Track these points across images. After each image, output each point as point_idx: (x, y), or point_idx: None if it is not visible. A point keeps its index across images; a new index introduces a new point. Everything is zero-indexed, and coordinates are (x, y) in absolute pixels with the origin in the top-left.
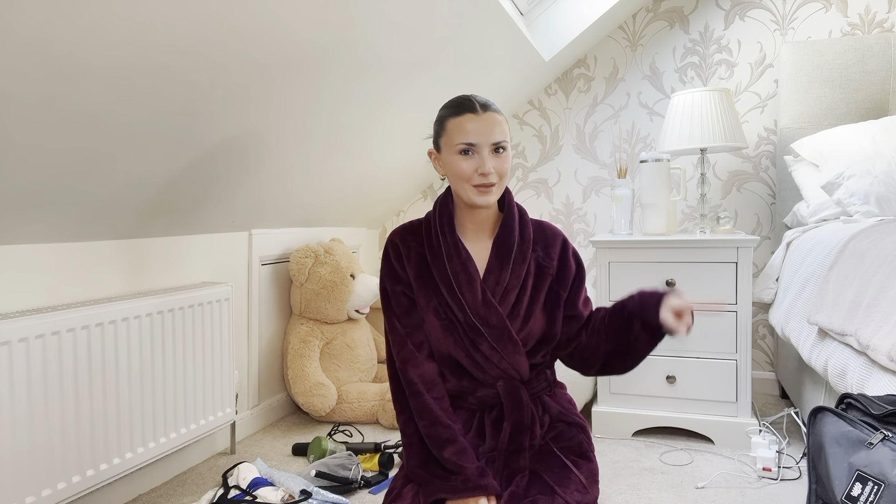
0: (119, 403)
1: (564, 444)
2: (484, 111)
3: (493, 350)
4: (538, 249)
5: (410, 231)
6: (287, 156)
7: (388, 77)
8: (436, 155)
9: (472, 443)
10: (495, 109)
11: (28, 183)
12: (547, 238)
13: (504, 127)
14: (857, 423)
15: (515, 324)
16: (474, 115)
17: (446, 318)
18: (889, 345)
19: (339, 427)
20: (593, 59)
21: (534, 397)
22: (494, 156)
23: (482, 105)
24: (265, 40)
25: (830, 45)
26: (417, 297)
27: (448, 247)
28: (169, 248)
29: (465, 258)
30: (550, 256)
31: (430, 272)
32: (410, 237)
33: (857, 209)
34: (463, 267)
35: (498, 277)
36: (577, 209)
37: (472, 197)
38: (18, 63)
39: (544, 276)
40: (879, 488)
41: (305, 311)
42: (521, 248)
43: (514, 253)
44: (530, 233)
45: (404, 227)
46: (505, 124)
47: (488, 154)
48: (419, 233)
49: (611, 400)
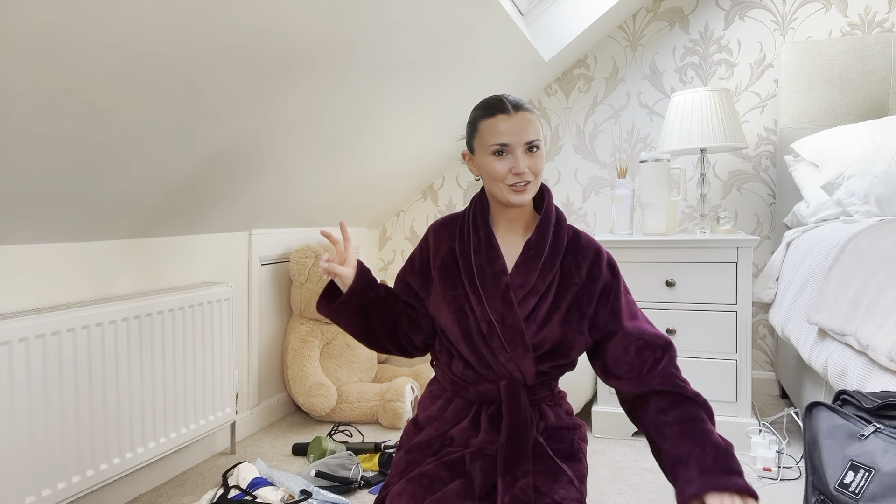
0: (119, 403)
1: (555, 445)
2: (516, 111)
3: (502, 349)
4: (569, 258)
5: (447, 224)
6: (287, 156)
7: (388, 77)
8: (469, 156)
9: (465, 433)
10: (528, 108)
11: (28, 183)
12: (581, 248)
13: (537, 125)
14: (850, 417)
15: (531, 328)
16: (506, 116)
17: (461, 310)
18: (889, 345)
19: (339, 427)
20: (593, 59)
21: (533, 403)
22: (528, 155)
23: (514, 105)
24: (266, 40)
25: (830, 45)
26: (436, 288)
27: (479, 241)
28: (168, 248)
29: (494, 254)
30: (580, 267)
31: (457, 264)
32: (444, 232)
33: (857, 209)
34: (490, 262)
35: (524, 279)
36: (578, 209)
37: (508, 196)
38: (19, 62)
39: (569, 286)
40: (870, 474)
41: (305, 311)
42: (552, 253)
43: (543, 257)
44: (564, 239)
45: (443, 221)
46: (538, 122)
47: (522, 154)
48: (454, 226)
49: (611, 400)
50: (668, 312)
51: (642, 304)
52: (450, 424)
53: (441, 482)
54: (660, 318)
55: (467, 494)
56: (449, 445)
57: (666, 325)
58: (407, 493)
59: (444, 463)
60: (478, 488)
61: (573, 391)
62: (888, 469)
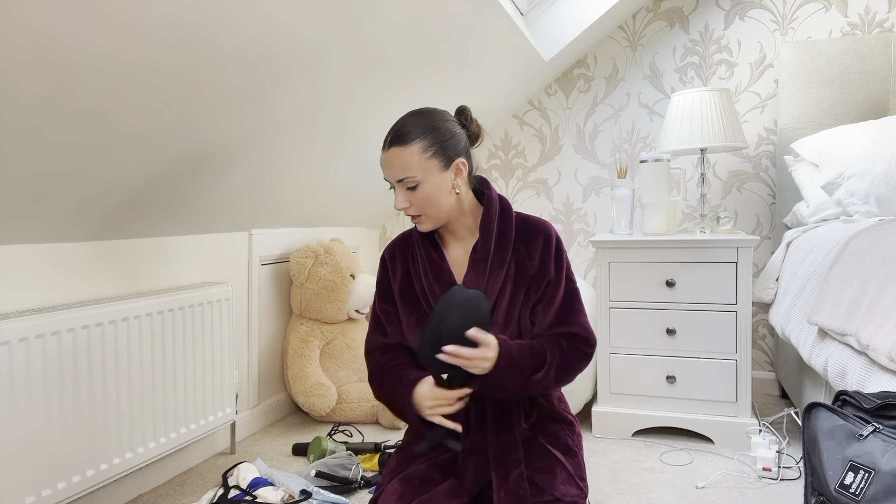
0: (119, 403)
1: (550, 440)
2: (389, 147)
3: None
4: (520, 248)
5: (400, 246)
6: (287, 155)
7: (388, 77)
8: None
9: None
10: (402, 143)
11: (27, 182)
12: (531, 234)
13: (409, 160)
14: (849, 418)
15: (493, 330)
16: (384, 152)
17: None
18: (889, 345)
19: (339, 427)
20: (593, 59)
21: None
22: (408, 191)
23: (390, 140)
24: (265, 39)
25: (830, 45)
26: (401, 312)
27: (425, 262)
28: (169, 248)
29: (440, 271)
30: (532, 256)
31: (414, 287)
32: (399, 253)
33: (857, 209)
34: (438, 280)
35: (475, 285)
36: (577, 209)
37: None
38: (18, 63)
39: (524, 278)
40: (870, 475)
41: (305, 311)
42: (500, 250)
43: (490, 259)
44: (511, 232)
45: (395, 244)
46: (412, 156)
47: (399, 189)
48: (407, 247)
49: (611, 400)
50: (668, 312)
51: (642, 304)
52: None
53: (432, 483)
54: (660, 318)
55: (456, 494)
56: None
57: (666, 325)
58: (397, 493)
59: (436, 463)
60: (471, 485)
61: (573, 391)
62: (888, 469)
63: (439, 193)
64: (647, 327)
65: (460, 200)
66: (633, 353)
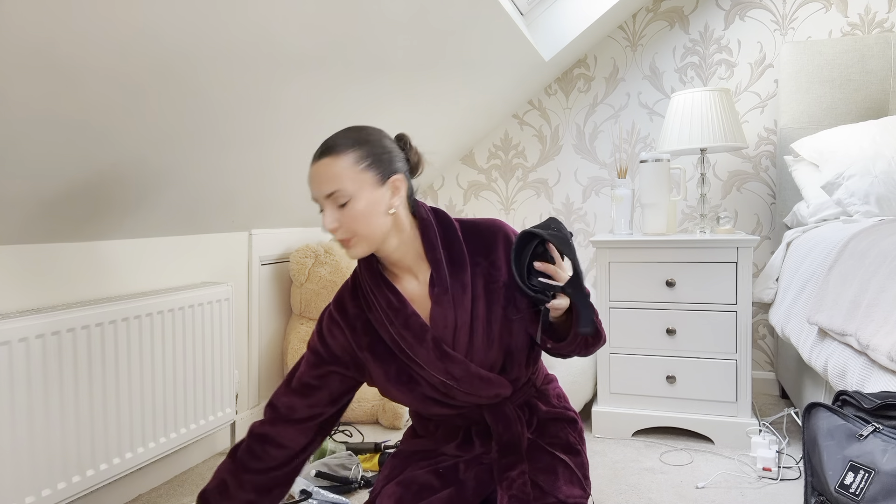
0: (119, 403)
1: (551, 440)
2: (319, 158)
3: (467, 395)
4: (481, 261)
5: (350, 296)
6: (287, 155)
7: (388, 77)
8: None
9: (458, 451)
10: (334, 153)
11: (26, 181)
12: (487, 242)
13: (339, 172)
14: (849, 418)
15: (477, 357)
16: (312, 166)
17: (411, 380)
18: (889, 345)
19: (339, 427)
20: (593, 59)
21: (521, 404)
22: (339, 209)
23: (322, 150)
24: (264, 39)
25: (830, 45)
26: (374, 371)
27: (385, 309)
28: (169, 247)
29: (404, 314)
30: (495, 264)
31: (383, 338)
32: (351, 304)
33: (857, 209)
34: (405, 326)
35: (445, 319)
36: (578, 209)
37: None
38: (16, 64)
39: (495, 291)
40: (870, 475)
41: (305, 311)
42: (457, 275)
43: (448, 287)
44: (462, 249)
45: (341, 295)
46: (343, 168)
47: (328, 208)
48: (357, 298)
49: (611, 400)
50: (668, 312)
51: (642, 304)
52: (440, 444)
53: (430, 490)
54: (660, 318)
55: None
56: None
57: (666, 325)
58: (395, 497)
59: (436, 470)
60: (471, 496)
61: (573, 391)
62: (887, 469)
63: (373, 212)
64: (647, 327)
65: (398, 223)
66: (633, 353)
